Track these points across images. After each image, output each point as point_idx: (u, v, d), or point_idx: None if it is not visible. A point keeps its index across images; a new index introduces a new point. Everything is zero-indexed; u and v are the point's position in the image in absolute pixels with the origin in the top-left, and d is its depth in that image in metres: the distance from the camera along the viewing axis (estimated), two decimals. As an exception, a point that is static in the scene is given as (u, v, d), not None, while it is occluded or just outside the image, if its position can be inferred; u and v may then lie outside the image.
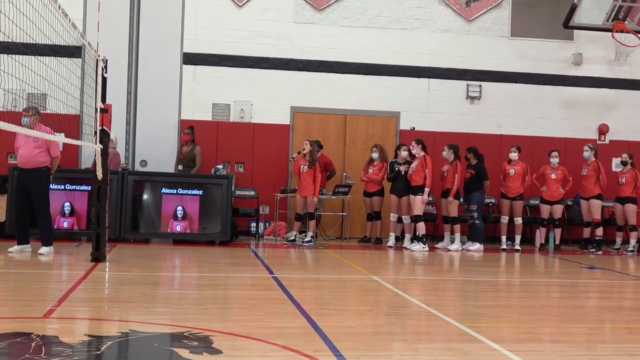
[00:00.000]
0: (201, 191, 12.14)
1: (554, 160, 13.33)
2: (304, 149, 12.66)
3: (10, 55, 6.20)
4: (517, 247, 13.06)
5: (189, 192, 12.11)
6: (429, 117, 14.56)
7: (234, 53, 14.03)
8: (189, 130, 13.26)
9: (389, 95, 14.46)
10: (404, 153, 12.89)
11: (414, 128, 14.44)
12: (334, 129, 14.38)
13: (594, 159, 13.29)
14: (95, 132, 9.15)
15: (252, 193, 13.65)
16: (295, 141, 14.00)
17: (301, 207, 12.75)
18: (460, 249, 12.73)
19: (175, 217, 11.99)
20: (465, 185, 12.99)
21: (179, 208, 12.01)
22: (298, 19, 14.16)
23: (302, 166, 12.63)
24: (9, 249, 9.80)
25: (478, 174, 12.87)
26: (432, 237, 13.70)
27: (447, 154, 12.87)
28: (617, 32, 13.66)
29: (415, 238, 12.63)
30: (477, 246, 12.79)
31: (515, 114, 14.78)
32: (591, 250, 13.17)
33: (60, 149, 10.78)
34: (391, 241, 12.87)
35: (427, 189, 12.38)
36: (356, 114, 14.38)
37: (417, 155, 12.63)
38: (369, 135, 14.39)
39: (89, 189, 11.63)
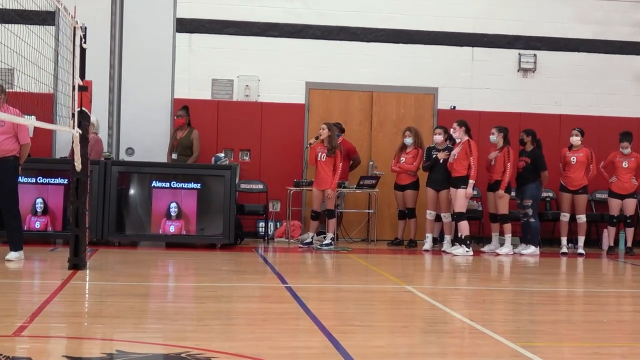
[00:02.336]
0: (199, 185, 12.16)
1: (626, 145, 13.24)
2: (321, 134, 12.66)
3: (-29, 22, 6.22)
4: (581, 250, 12.99)
5: (185, 185, 12.13)
6: (472, 94, 14.49)
7: (238, 18, 14.03)
8: (184, 111, 13.28)
9: (424, 68, 14.39)
10: (439, 137, 12.83)
11: (454, 107, 14.38)
12: (358, 109, 14.35)
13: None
14: (73, 115, 9.18)
15: (260, 187, 13.66)
16: (312, 124, 13.98)
17: (318, 203, 12.75)
18: (512, 253, 12.68)
19: (169, 216, 12.03)
20: (518, 176, 12.93)
21: (173, 205, 12.04)
22: (314, -23, 14.17)
23: (319, 154, 12.63)
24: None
25: (534, 162, 12.80)
26: (478, 239, 13.66)
27: (495, 138, 12.81)
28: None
29: (457, 240, 12.59)
30: (532, 249, 12.74)
31: (578, 89, 14.67)
32: (671, 254, 13.10)
33: (31, 135, 10.83)
34: (428, 244, 12.84)
35: (471, 181, 12.33)
36: (385, 90, 14.34)
37: (459, 140, 12.58)
38: (401, 116, 14.34)
39: (66, 182, 11.68)
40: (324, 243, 12.57)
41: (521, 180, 12.90)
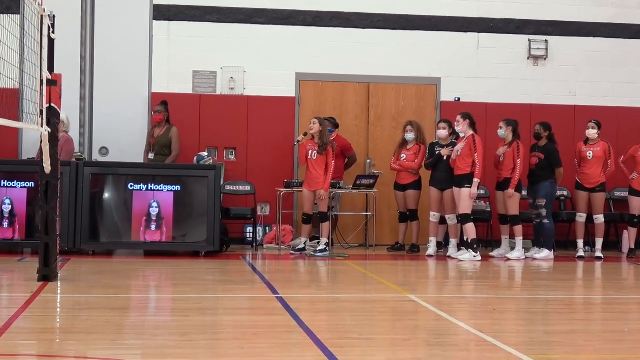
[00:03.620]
0: (180, 187, 12.15)
1: (646, 138, 13.28)
2: (312, 129, 12.66)
3: None
4: (599, 254, 13.01)
5: (165, 188, 12.12)
6: (478, 84, 14.51)
7: (221, 4, 14.01)
8: (162, 106, 13.27)
9: (425, 57, 14.41)
10: (443, 132, 12.84)
11: (459, 99, 14.40)
12: (354, 102, 14.35)
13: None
14: (41, 111, 9.15)
15: (248, 188, 13.65)
16: (303, 118, 13.98)
17: (310, 205, 12.75)
18: (524, 257, 12.69)
19: (147, 222, 12.01)
20: (530, 174, 12.95)
21: (152, 209, 12.03)
22: (304, -43, 14.17)
23: (310, 152, 12.63)
24: None
25: (548, 158, 12.82)
26: (486, 243, 13.68)
27: (504, 132, 12.82)
28: None
29: (463, 244, 12.61)
30: (546, 253, 12.75)
31: (593, 77, 14.70)
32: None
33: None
34: (432, 249, 12.85)
35: (476, 180, 12.34)
36: (383, 81, 14.35)
37: (463, 135, 12.60)
38: (400, 109, 14.35)
39: (33, 185, 11.66)
40: (317, 249, 12.57)
41: (534, 178, 12.91)
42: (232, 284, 9.86)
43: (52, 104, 9.23)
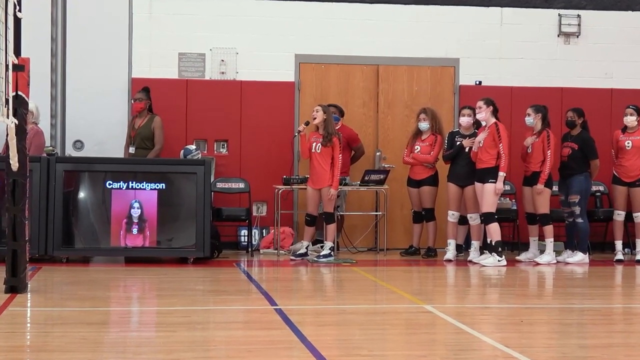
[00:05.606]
0: (163, 185, 12.16)
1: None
2: (315, 117, 12.66)
3: None
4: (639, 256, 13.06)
5: (147, 186, 12.13)
6: (502, 66, 14.50)
7: (209, -23, 14.05)
8: (144, 94, 13.25)
9: (442, 35, 14.40)
10: (467, 120, 12.84)
11: (480, 82, 14.40)
12: (361, 87, 14.35)
13: None
14: (7, 100, 9.16)
15: (242, 186, 13.65)
16: (304, 106, 13.99)
17: (314, 204, 12.76)
18: (555, 261, 12.70)
19: (128, 225, 12.03)
20: (562, 167, 12.95)
21: (133, 211, 12.05)
22: None
23: (313, 144, 12.63)
24: None
25: (582, 149, 12.81)
26: (512, 246, 13.68)
27: (532, 120, 12.81)
28: None
29: (486, 247, 12.62)
30: (580, 257, 12.76)
31: (632, 57, 14.69)
32: None
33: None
34: (450, 252, 12.86)
35: (501, 174, 12.33)
36: (394, 63, 14.34)
37: (484, 124, 12.59)
38: (414, 94, 14.36)
39: (-1, 185, 11.69)
40: (321, 254, 12.58)
41: (566, 172, 12.91)
42: (224, 295, 9.86)
43: (20, 92, 9.24)
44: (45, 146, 12.79)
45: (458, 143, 12.84)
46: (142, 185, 12.13)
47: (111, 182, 12.09)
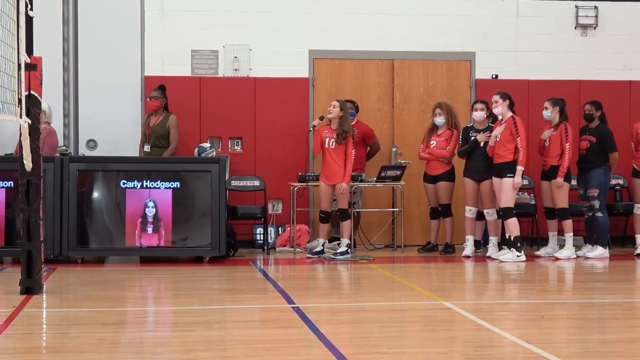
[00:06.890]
0: (178, 183, 12.18)
1: None
2: (331, 112, 12.64)
3: None
4: (661, 250, 13.02)
5: (162, 185, 12.15)
6: (518, 59, 14.47)
7: (221, -27, 14.06)
8: (159, 92, 13.27)
9: (458, 28, 14.38)
10: (480, 114, 12.81)
11: (496, 76, 14.37)
12: (376, 82, 14.34)
13: None
14: (20, 100, 9.19)
15: (257, 183, 13.65)
16: (318, 102, 13.98)
17: (328, 201, 12.74)
18: (574, 256, 12.67)
19: (143, 224, 12.04)
20: (581, 160, 12.91)
21: (148, 210, 12.06)
22: None
23: (327, 140, 12.62)
24: None
25: (601, 142, 12.78)
26: (531, 241, 13.65)
27: (549, 113, 12.79)
28: None
29: (504, 243, 12.59)
30: (600, 251, 12.72)
31: (652, 48, 14.67)
32: None
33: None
34: (468, 249, 12.85)
35: (519, 168, 12.31)
36: (409, 57, 14.32)
37: (500, 118, 12.57)
38: (429, 89, 14.34)
39: (12, 185, 11.70)
40: (338, 251, 12.58)
41: (584, 165, 12.87)
42: (241, 294, 9.87)
43: (32, 92, 9.25)
44: (58, 146, 12.82)
45: (473, 138, 12.83)
46: (157, 184, 12.15)
47: (125, 182, 12.11)
